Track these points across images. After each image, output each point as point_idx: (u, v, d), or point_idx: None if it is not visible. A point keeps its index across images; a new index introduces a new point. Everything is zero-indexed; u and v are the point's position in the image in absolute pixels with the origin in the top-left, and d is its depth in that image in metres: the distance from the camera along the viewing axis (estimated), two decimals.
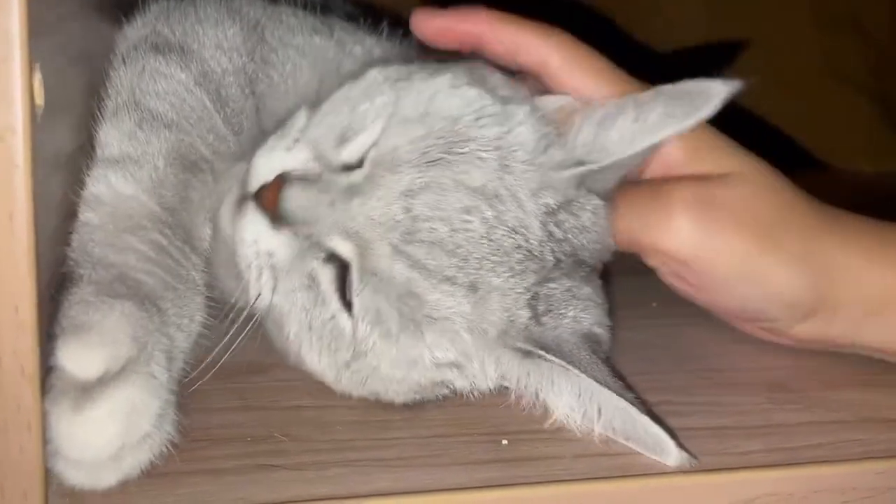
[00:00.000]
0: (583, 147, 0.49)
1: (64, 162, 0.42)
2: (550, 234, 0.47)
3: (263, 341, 0.49)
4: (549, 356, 0.45)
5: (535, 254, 0.46)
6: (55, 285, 0.39)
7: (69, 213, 0.42)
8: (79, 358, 0.36)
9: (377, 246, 0.45)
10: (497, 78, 0.51)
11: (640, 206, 0.50)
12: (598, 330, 0.48)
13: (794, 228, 0.51)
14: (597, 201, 0.50)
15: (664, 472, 0.43)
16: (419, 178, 0.45)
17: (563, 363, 0.44)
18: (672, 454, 0.42)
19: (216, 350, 0.46)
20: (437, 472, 0.42)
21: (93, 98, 0.47)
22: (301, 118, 0.49)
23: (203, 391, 0.44)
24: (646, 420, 0.43)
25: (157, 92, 0.49)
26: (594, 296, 0.49)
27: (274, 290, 0.47)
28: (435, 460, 0.43)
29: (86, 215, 0.43)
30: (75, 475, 0.37)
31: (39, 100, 0.34)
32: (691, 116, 0.48)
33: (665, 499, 0.43)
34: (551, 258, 0.47)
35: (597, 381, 0.44)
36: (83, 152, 0.45)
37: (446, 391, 0.48)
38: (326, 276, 0.46)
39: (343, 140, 0.48)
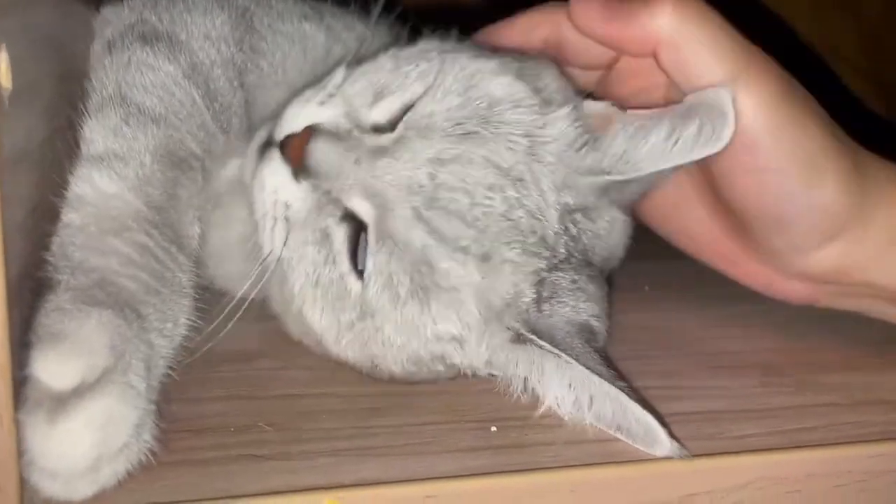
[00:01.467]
0: (612, 157, 0.48)
1: (33, 150, 0.41)
2: (566, 228, 0.48)
3: (250, 329, 0.48)
4: (540, 342, 0.45)
5: (549, 242, 0.47)
6: (34, 291, 0.38)
7: (38, 205, 0.41)
8: (53, 368, 0.35)
9: (398, 209, 0.45)
10: (551, 77, 0.51)
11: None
12: (595, 323, 0.47)
13: (842, 136, 0.49)
14: (616, 214, 0.50)
15: (655, 458, 0.42)
16: (450, 148, 0.45)
17: (555, 350, 0.44)
18: (664, 444, 0.42)
19: (208, 331, 0.45)
20: (425, 460, 0.41)
21: (64, 85, 0.46)
22: (339, 74, 0.49)
23: (186, 380, 0.43)
24: (637, 409, 0.42)
25: (145, 85, 0.47)
26: (597, 294, 0.49)
27: (285, 242, 0.47)
28: (423, 448, 0.42)
29: (68, 216, 0.42)
30: (51, 486, 0.36)
31: (7, 82, 0.33)
32: (721, 139, 0.46)
33: (656, 485, 0.42)
34: (563, 251, 0.47)
35: (588, 368, 0.43)
36: (53, 143, 0.43)
37: (441, 368, 0.48)
38: (340, 234, 0.46)
39: (378, 97, 0.48)
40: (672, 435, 0.42)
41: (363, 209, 0.46)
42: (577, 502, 0.41)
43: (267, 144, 0.49)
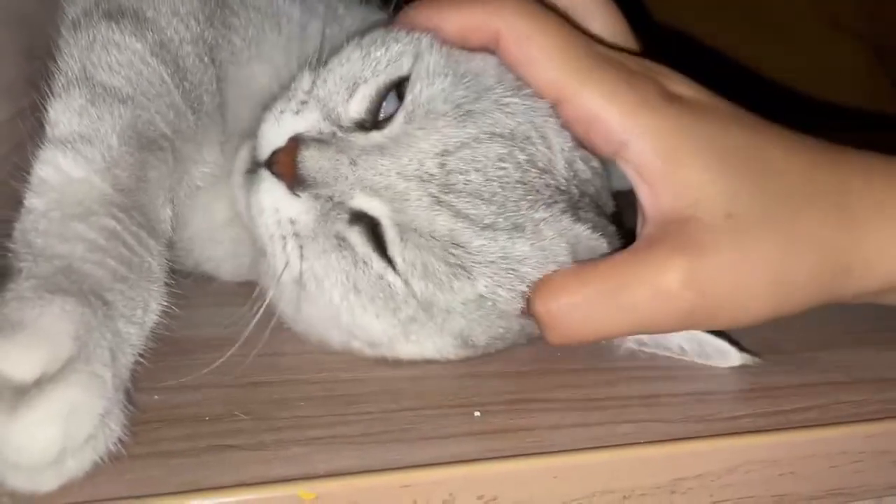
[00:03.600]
0: None
1: None
2: (575, 172, 0.48)
3: (225, 314, 0.47)
4: None
5: (563, 189, 0.47)
6: None
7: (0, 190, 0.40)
8: (13, 359, 0.34)
9: (414, 199, 0.44)
10: None
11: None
12: None
13: (797, 257, 0.45)
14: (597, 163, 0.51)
15: (642, 442, 0.40)
16: (455, 134, 0.45)
17: None
18: (735, 357, 0.48)
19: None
20: (404, 447, 0.40)
21: (30, 64, 0.44)
22: (305, 79, 0.48)
23: (159, 368, 0.42)
24: (708, 337, 0.47)
25: (111, 64, 0.46)
26: (615, 233, 0.50)
27: (302, 257, 0.46)
28: (403, 435, 0.41)
29: (31, 202, 0.40)
30: (14, 478, 0.35)
31: None
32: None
33: (644, 470, 0.41)
34: (576, 191, 0.48)
35: None
36: (16, 124, 0.42)
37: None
38: (356, 236, 0.46)
39: (353, 90, 0.47)
40: (742, 348, 0.48)
41: (371, 206, 0.45)
42: (561, 489, 0.40)
43: (252, 167, 0.47)
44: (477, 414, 0.43)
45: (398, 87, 0.47)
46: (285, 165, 0.45)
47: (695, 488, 0.41)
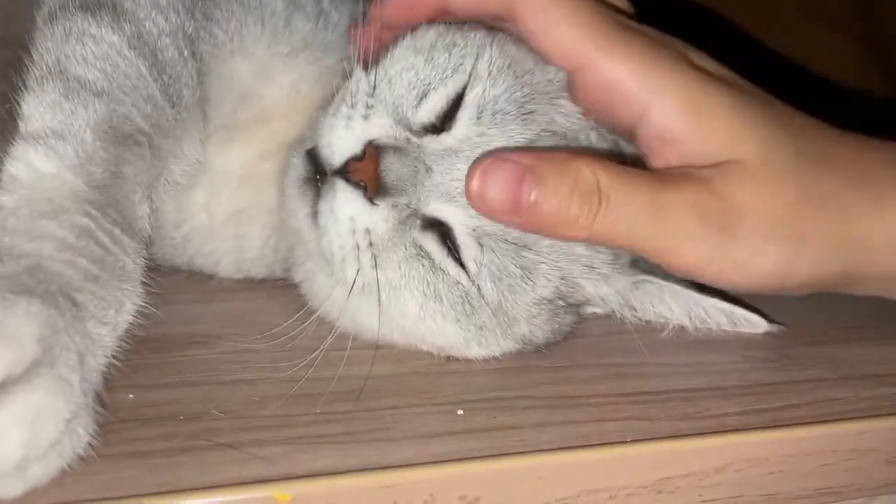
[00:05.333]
0: None
1: None
2: None
3: (203, 311, 0.46)
4: (660, 280, 0.49)
5: None
6: None
7: None
8: None
9: None
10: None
11: (644, 218, 0.44)
12: None
13: (824, 210, 0.46)
14: None
15: (628, 441, 0.40)
16: (521, 132, 0.46)
17: (672, 283, 0.49)
18: (763, 325, 0.51)
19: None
20: (384, 447, 0.39)
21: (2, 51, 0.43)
22: (363, 81, 0.48)
23: (139, 366, 0.41)
24: (739, 310, 0.51)
25: (86, 57, 0.45)
26: None
27: (376, 266, 0.46)
28: (384, 434, 0.40)
29: (0, 199, 0.39)
30: None
31: None
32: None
33: (631, 469, 0.40)
34: None
35: (695, 290, 0.50)
36: None
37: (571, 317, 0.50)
38: (430, 243, 0.46)
39: (423, 97, 0.47)
40: (771, 320, 0.52)
41: (446, 212, 0.45)
42: (545, 489, 0.39)
43: (311, 175, 0.47)
44: (460, 412, 0.42)
45: None
46: (367, 174, 0.45)
47: (682, 487, 0.40)
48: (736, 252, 0.44)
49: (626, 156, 0.50)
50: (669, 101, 0.45)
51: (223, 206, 0.54)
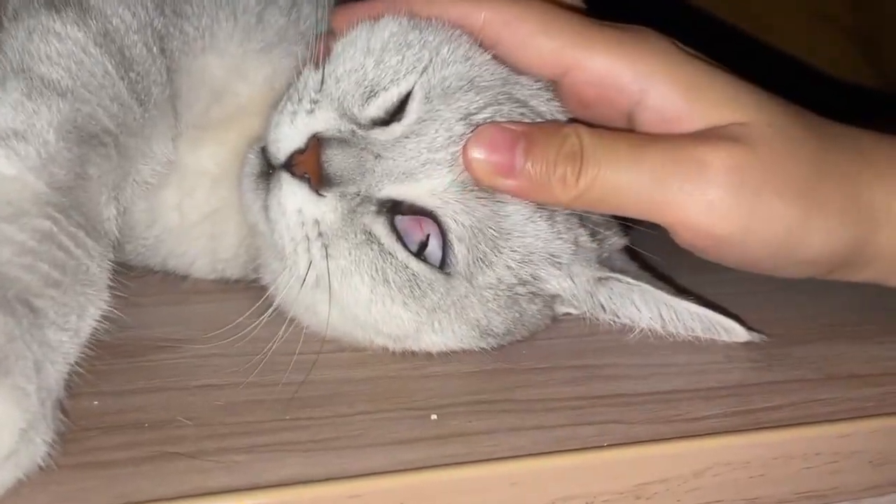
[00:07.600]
0: None
1: None
2: None
3: (169, 314, 0.45)
4: (626, 279, 0.48)
5: None
6: None
7: None
8: None
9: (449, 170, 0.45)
10: None
11: (662, 174, 0.44)
12: (628, 244, 0.51)
13: (833, 178, 0.46)
14: None
15: (604, 446, 0.39)
16: (476, 99, 0.46)
17: (643, 284, 0.48)
18: (742, 335, 0.49)
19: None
20: (354, 454, 0.38)
21: None
22: (311, 78, 0.48)
23: (104, 372, 0.40)
24: (714, 315, 0.48)
25: (49, 55, 0.44)
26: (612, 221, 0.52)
27: (327, 256, 0.45)
28: (353, 441, 0.39)
29: None
30: None
31: None
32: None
33: (607, 475, 0.39)
34: None
35: (665, 291, 0.48)
36: None
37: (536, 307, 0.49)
38: (380, 227, 0.46)
39: (371, 95, 0.47)
40: (749, 328, 0.49)
41: (403, 191, 0.45)
42: (519, 496, 0.38)
43: (264, 170, 0.47)
44: (434, 417, 0.41)
45: None
46: (309, 166, 0.45)
47: (661, 493, 0.39)
48: (745, 209, 0.44)
49: None
50: (663, 82, 0.46)
51: (196, 206, 0.53)
